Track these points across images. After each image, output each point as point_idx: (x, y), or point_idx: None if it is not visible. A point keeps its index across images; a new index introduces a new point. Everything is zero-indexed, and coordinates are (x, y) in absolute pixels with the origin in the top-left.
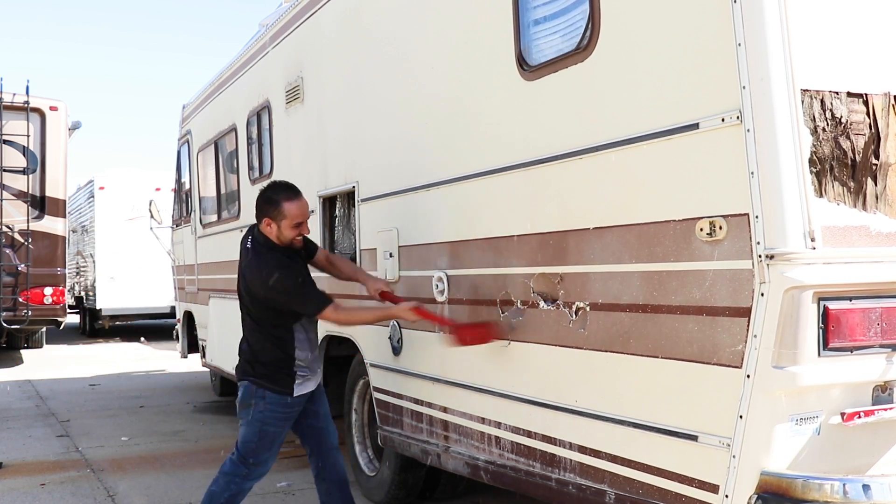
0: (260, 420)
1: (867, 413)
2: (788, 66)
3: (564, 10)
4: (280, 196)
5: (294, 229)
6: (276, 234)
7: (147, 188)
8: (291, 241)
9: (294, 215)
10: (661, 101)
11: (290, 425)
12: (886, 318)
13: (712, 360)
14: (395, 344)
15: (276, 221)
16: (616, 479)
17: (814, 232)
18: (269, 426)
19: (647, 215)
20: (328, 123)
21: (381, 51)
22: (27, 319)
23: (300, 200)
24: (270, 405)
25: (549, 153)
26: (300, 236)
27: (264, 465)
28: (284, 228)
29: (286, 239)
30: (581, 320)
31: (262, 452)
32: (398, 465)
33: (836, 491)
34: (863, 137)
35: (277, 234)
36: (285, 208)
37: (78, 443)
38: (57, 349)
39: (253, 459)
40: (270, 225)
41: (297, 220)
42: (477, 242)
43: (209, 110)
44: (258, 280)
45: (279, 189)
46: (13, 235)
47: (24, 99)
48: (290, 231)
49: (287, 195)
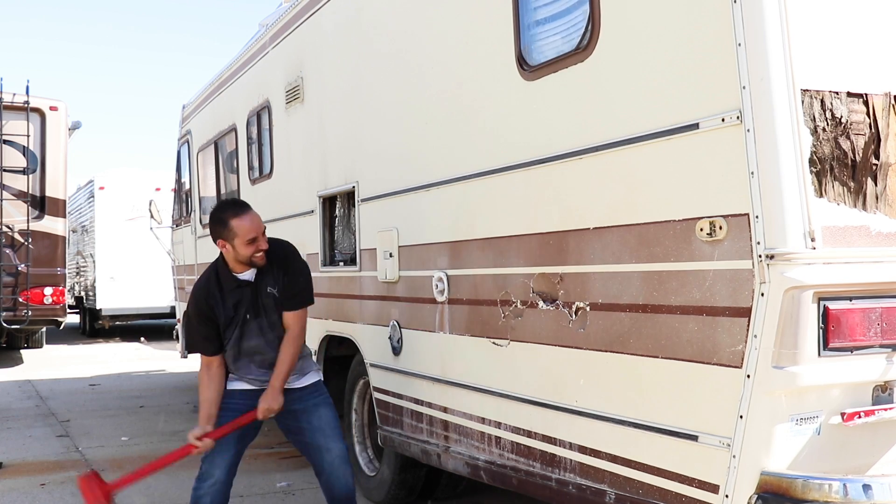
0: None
1: (867, 413)
2: (788, 66)
3: (564, 11)
4: (227, 214)
5: (249, 246)
6: (233, 255)
7: (147, 188)
8: (250, 258)
9: (245, 231)
10: (661, 101)
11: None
12: (886, 318)
13: (712, 360)
14: (395, 344)
15: (229, 242)
16: (616, 479)
17: (814, 232)
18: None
19: (647, 215)
20: (328, 123)
21: (381, 51)
22: (27, 319)
23: (250, 215)
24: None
25: (549, 153)
26: (260, 253)
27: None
28: (239, 247)
29: (243, 257)
30: (581, 320)
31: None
32: (398, 465)
33: (836, 491)
34: (863, 137)
35: (234, 254)
36: (234, 226)
37: (78, 443)
38: (57, 349)
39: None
40: (225, 246)
41: (249, 236)
42: (477, 242)
43: (209, 110)
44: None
45: (226, 208)
46: (13, 235)
47: (24, 99)
48: (245, 248)
49: (234, 212)
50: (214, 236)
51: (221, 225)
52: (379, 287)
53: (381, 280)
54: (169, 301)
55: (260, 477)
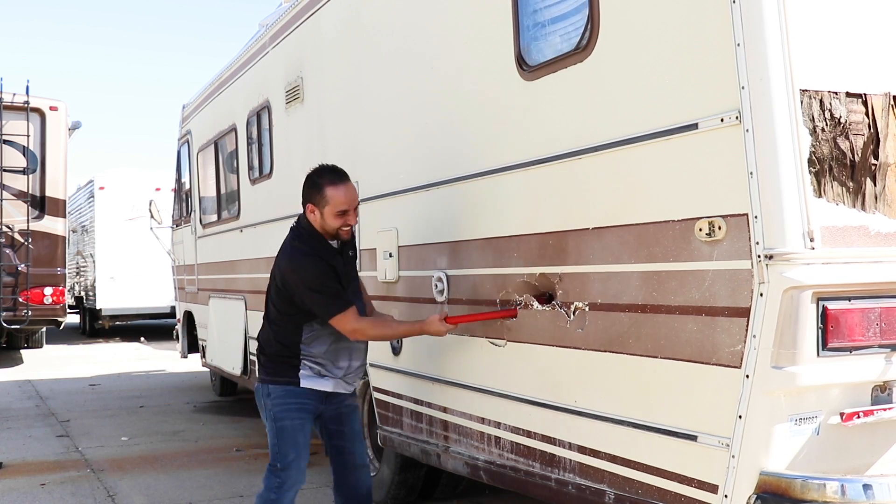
0: (272, 417)
1: (866, 413)
2: (787, 66)
3: (564, 10)
4: (324, 180)
5: (338, 218)
6: (320, 223)
7: (147, 188)
8: (337, 231)
9: (338, 202)
10: (660, 101)
11: (311, 420)
12: (885, 319)
13: (711, 360)
14: (394, 344)
15: (318, 208)
16: (615, 479)
17: (813, 232)
18: (281, 421)
19: (646, 215)
20: (328, 123)
21: (380, 51)
22: (27, 319)
23: (346, 185)
24: (277, 398)
25: (549, 153)
26: (347, 227)
27: (292, 467)
28: (327, 216)
29: (330, 228)
30: (580, 320)
31: (287, 452)
32: (398, 465)
33: (835, 491)
34: (862, 137)
35: (321, 222)
36: (328, 193)
37: (78, 443)
38: (57, 349)
39: (280, 463)
40: (314, 212)
41: (340, 208)
42: (476, 242)
43: (209, 110)
44: (286, 264)
45: (324, 172)
46: (13, 235)
47: (24, 99)
48: (334, 220)
49: (331, 179)
50: (305, 199)
51: (316, 189)
52: (379, 287)
53: (380, 280)
54: (169, 301)
55: (260, 477)
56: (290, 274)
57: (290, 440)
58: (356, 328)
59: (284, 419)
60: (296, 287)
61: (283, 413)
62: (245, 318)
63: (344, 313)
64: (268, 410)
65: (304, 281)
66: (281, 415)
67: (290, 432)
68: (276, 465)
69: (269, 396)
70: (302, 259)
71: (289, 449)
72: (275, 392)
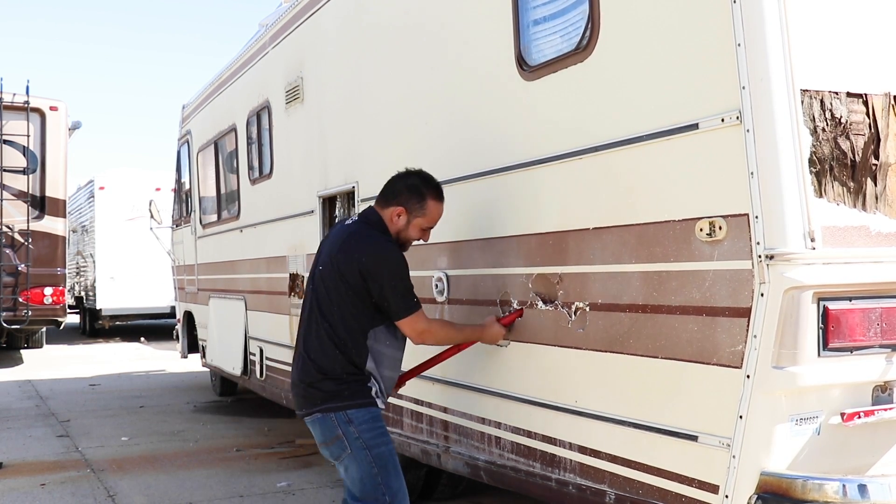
0: (365, 446)
1: (867, 413)
2: (788, 66)
3: (564, 10)
4: (429, 192)
5: (422, 232)
6: (400, 228)
7: (147, 188)
8: (406, 243)
9: (433, 218)
10: (660, 101)
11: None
12: (886, 319)
13: (712, 360)
14: None
15: (410, 214)
16: (616, 480)
17: (813, 232)
18: (377, 448)
19: (646, 215)
20: (328, 123)
21: (380, 51)
22: (27, 319)
23: (442, 205)
24: (364, 423)
25: (549, 153)
26: (418, 241)
27: (399, 497)
28: (414, 226)
29: (407, 238)
30: (581, 320)
31: (391, 481)
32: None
33: (836, 491)
34: (862, 137)
35: (402, 228)
36: (429, 206)
37: (78, 443)
38: (57, 349)
39: (388, 496)
40: (401, 215)
41: (430, 224)
42: (477, 242)
43: (209, 110)
44: (370, 251)
45: (430, 184)
46: (13, 235)
47: (24, 99)
48: (417, 233)
49: (436, 194)
50: (398, 200)
51: (417, 197)
52: None
53: None
54: (169, 301)
55: (260, 477)
56: (374, 261)
57: (392, 468)
58: (426, 329)
59: (380, 445)
60: (378, 275)
61: (374, 439)
62: (245, 318)
63: (418, 312)
64: (353, 440)
65: (390, 269)
66: (375, 440)
67: (391, 459)
68: (384, 499)
69: (351, 423)
70: (389, 247)
71: (394, 480)
72: (358, 417)
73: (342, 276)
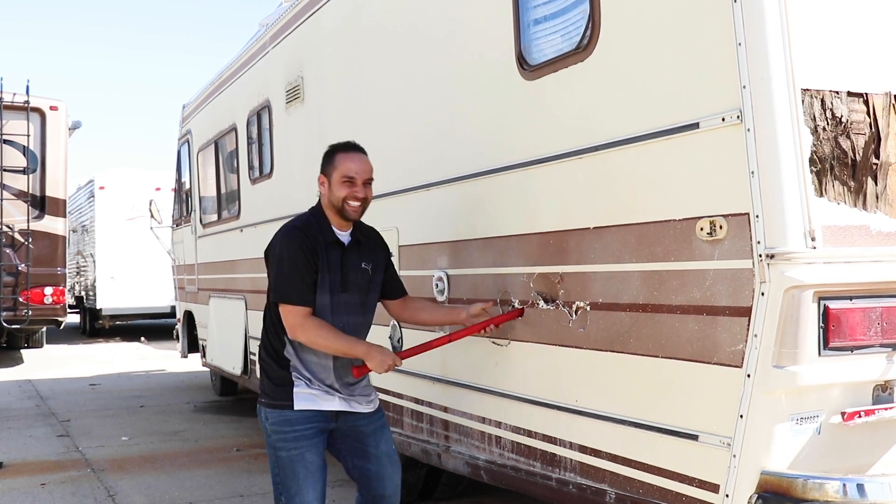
0: (271, 446)
1: (867, 412)
2: (789, 65)
3: (564, 10)
4: (337, 147)
5: (344, 186)
6: (328, 195)
7: (147, 188)
8: (342, 203)
9: (346, 168)
10: (661, 100)
11: (317, 448)
12: (887, 318)
13: (713, 359)
14: (395, 343)
15: (328, 177)
16: (616, 479)
17: (814, 231)
18: (280, 451)
19: (647, 215)
20: (328, 123)
21: (381, 50)
22: (27, 319)
23: (360, 157)
24: (274, 426)
25: (549, 153)
26: (355, 203)
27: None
28: (335, 185)
29: (336, 199)
30: (581, 320)
31: (290, 486)
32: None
33: (836, 490)
34: (863, 137)
35: (329, 193)
36: (337, 159)
37: (78, 443)
38: (57, 349)
39: (284, 496)
40: (324, 183)
41: (348, 174)
42: (477, 242)
43: (209, 110)
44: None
45: (340, 144)
46: (13, 235)
47: (24, 99)
48: (340, 188)
49: (344, 148)
50: (321, 171)
51: (327, 157)
52: None
53: None
54: (169, 301)
55: (260, 477)
56: (269, 246)
57: (290, 474)
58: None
59: (282, 450)
60: (269, 258)
61: (279, 442)
62: (245, 317)
63: (293, 305)
64: (267, 437)
65: (275, 251)
66: (278, 444)
67: (290, 466)
68: (279, 499)
69: (268, 421)
70: (285, 229)
71: (292, 484)
72: (272, 417)
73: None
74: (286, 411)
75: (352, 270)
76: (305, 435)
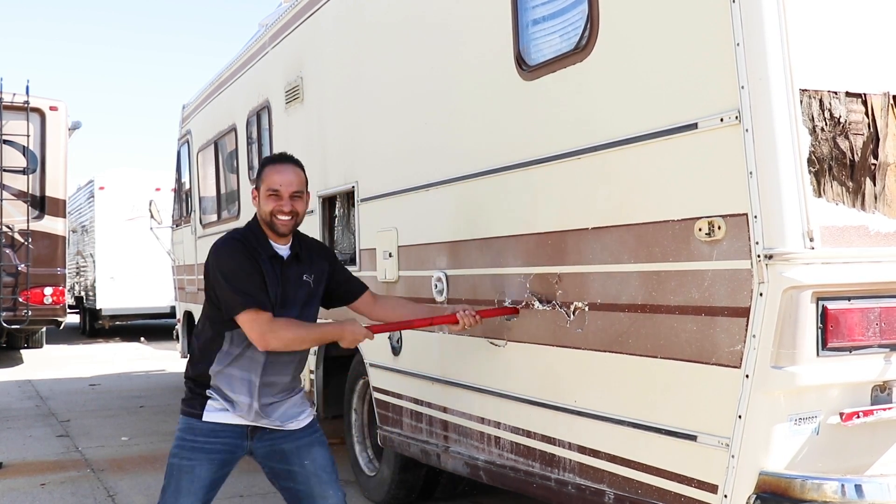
0: (170, 451)
1: (866, 413)
2: (787, 65)
3: (563, 10)
4: (267, 161)
5: (270, 200)
6: (259, 208)
7: (147, 188)
8: (272, 218)
9: (271, 181)
10: (659, 100)
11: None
12: (885, 318)
13: (711, 360)
14: (394, 344)
15: (258, 191)
16: (615, 479)
17: (812, 232)
18: (173, 458)
19: (645, 215)
20: (328, 123)
21: (380, 51)
22: (27, 319)
23: (287, 167)
24: (179, 432)
25: (548, 153)
26: (284, 217)
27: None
28: (262, 198)
29: (265, 213)
30: (580, 320)
31: (167, 493)
32: (398, 465)
33: (834, 491)
34: (861, 137)
35: (259, 206)
36: (266, 172)
37: (78, 443)
38: (57, 349)
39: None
40: (255, 197)
41: (272, 187)
42: (476, 242)
43: (209, 110)
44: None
45: (271, 157)
46: (13, 235)
47: (24, 99)
48: (266, 201)
49: (273, 161)
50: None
51: (258, 172)
52: (378, 287)
53: (380, 280)
54: (169, 301)
55: (260, 477)
56: (209, 257)
57: (173, 483)
58: (267, 330)
59: (173, 456)
60: (213, 274)
61: (175, 449)
62: None
63: (255, 311)
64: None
65: (219, 264)
66: (174, 450)
67: (174, 474)
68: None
69: (178, 426)
70: (224, 241)
71: (169, 492)
72: (180, 423)
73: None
74: (193, 419)
75: (291, 285)
76: (205, 449)
